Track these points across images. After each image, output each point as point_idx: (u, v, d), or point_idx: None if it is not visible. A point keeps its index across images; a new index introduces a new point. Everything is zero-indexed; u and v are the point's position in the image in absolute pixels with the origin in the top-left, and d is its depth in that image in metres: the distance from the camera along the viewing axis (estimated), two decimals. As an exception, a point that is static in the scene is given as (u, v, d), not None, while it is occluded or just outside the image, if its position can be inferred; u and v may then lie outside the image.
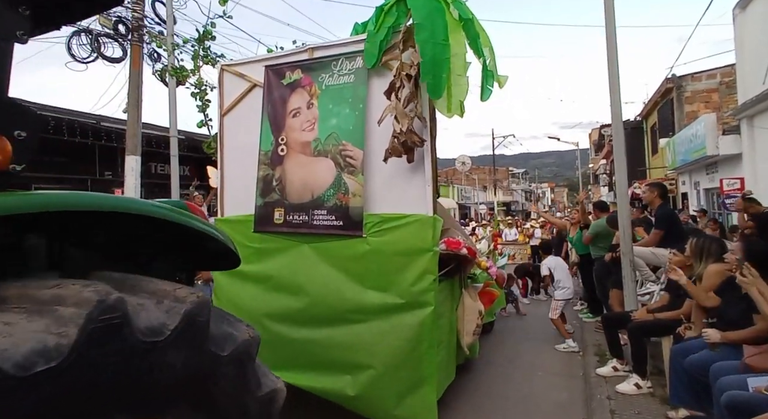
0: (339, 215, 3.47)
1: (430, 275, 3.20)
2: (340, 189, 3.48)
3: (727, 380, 2.35)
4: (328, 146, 3.55)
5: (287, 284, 3.53)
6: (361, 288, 3.32)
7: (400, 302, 3.23)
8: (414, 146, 3.18)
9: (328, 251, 3.48)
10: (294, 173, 3.66)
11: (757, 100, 7.71)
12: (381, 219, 3.34)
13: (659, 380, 3.53)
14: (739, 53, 9.21)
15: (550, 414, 3.48)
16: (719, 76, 13.92)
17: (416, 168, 3.36)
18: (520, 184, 53.92)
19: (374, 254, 3.32)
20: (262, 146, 3.80)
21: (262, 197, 3.75)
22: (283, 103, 3.74)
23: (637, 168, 19.11)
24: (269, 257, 3.65)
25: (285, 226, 3.63)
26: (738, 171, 9.53)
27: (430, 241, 3.22)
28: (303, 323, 3.41)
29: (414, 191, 3.35)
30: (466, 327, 3.64)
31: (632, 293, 4.46)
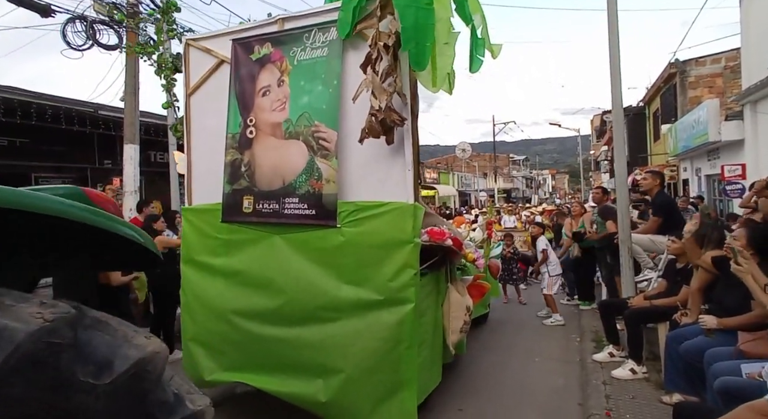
0: (311, 204, 3.12)
1: (411, 270, 2.87)
2: (313, 175, 3.13)
3: (721, 366, 2.33)
4: (300, 127, 3.19)
5: (256, 279, 3.21)
6: (335, 283, 3.00)
7: (377, 298, 2.90)
8: (393, 125, 2.81)
9: (300, 242, 3.15)
10: (264, 157, 3.30)
11: (762, 85, 7.48)
12: (356, 208, 3.00)
13: (655, 365, 3.50)
14: (744, 37, 8.92)
15: (546, 399, 3.45)
16: (724, 60, 13.44)
17: (396, 151, 2.99)
18: (520, 171, 53.27)
19: (349, 246, 2.99)
20: (229, 129, 3.43)
21: (230, 184, 3.40)
22: (251, 81, 3.36)
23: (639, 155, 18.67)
24: (238, 250, 3.32)
25: (254, 215, 3.30)
26: (740, 157, 9.27)
27: (411, 231, 2.88)
28: (272, 321, 3.10)
29: (393, 177, 2.99)
30: (452, 324, 3.33)
31: (629, 280, 4.41)
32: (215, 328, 3.25)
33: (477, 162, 39.15)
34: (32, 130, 7.50)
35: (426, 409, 3.14)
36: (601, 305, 4.27)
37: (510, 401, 3.46)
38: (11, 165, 7.85)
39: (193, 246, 3.47)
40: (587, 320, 5.35)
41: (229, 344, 3.19)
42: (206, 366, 3.25)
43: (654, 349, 3.69)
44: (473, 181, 37.64)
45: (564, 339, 4.92)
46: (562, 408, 3.33)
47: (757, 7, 8.28)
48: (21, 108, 7.00)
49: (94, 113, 8.14)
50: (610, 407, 3.05)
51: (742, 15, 8.94)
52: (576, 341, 4.80)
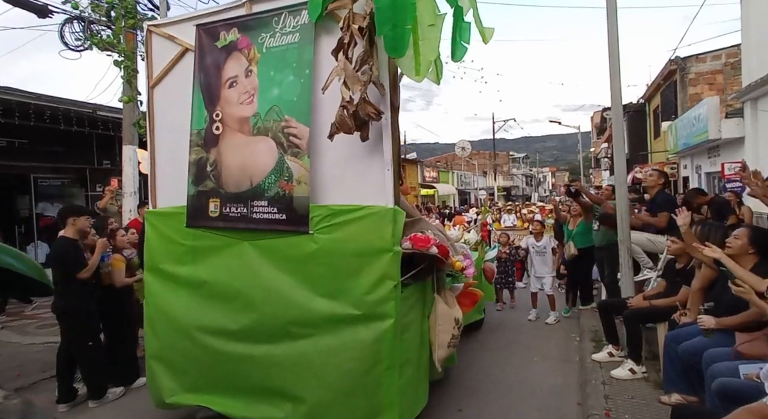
0: (281, 207, 2.79)
1: (390, 281, 2.54)
2: (282, 175, 2.80)
3: (719, 367, 2.31)
4: (269, 122, 2.85)
5: (223, 290, 2.88)
6: (308, 296, 2.67)
7: (353, 313, 2.58)
8: (368, 119, 2.47)
9: (270, 250, 2.82)
10: (231, 155, 2.97)
11: (762, 82, 7.18)
12: (330, 212, 2.67)
13: (654, 365, 3.49)
14: (744, 33, 8.60)
15: (545, 399, 3.42)
16: (724, 57, 13.13)
17: (374, 149, 2.66)
18: (520, 169, 52.76)
19: (322, 254, 2.66)
20: (194, 124, 3.09)
21: (195, 185, 3.07)
22: (217, 71, 3.02)
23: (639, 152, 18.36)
24: (204, 258, 2.99)
25: (221, 220, 2.96)
26: (740, 155, 8.98)
27: (390, 238, 2.54)
28: (238, 337, 2.77)
29: (371, 178, 2.66)
30: (439, 338, 2.99)
31: (629, 280, 4.38)
32: (178, 344, 2.92)
33: (477, 160, 38.72)
34: (31, 131, 7.40)
35: (425, 410, 3.05)
36: (601, 305, 4.24)
37: (509, 401, 3.40)
38: (10, 166, 7.76)
39: (157, 253, 3.14)
40: (587, 319, 5.24)
41: (192, 362, 2.87)
42: (167, 387, 2.93)
43: (653, 349, 3.66)
44: (473, 179, 37.24)
45: (563, 339, 4.85)
46: (561, 408, 3.27)
47: (758, 4, 7.96)
48: (19, 109, 6.91)
49: (93, 114, 7.99)
50: (609, 407, 3.00)
51: (742, 11, 8.63)
52: (575, 340, 4.74)
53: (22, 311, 6.65)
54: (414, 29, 2.37)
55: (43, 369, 4.12)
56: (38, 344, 4.95)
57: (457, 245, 4.88)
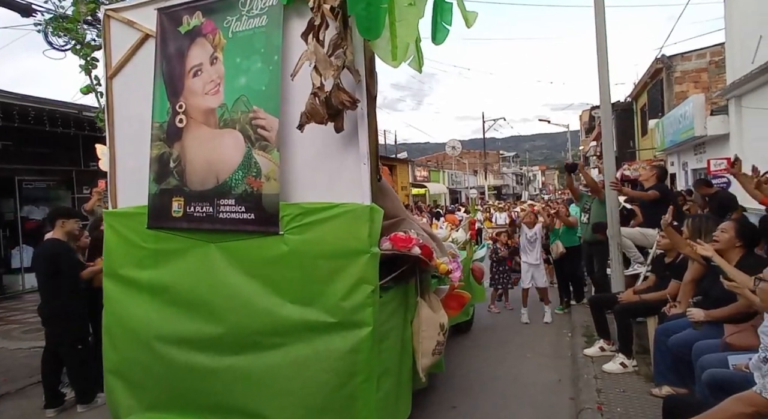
0: (249, 206, 2.54)
1: (367, 286, 2.31)
2: (250, 171, 2.55)
3: (709, 358, 2.33)
4: (236, 113, 2.61)
5: (186, 297, 2.63)
6: (278, 302, 2.43)
7: (327, 321, 2.34)
8: (342, 108, 2.24)
9: (238, 252, 2.57)
10: (195, 150, 2.71)
11: (746, 79, 7.27)
12: (302, 211, 2.43)
13: (644, 358, 3.52)
14: (728, 32, 8.72)
15: (539, 395, 3.42)
16: (709, 55, 13.31)
17: (349, 141, 2.43)
18: (510, 167, 52.84)
19: (293, 257, 2.42)
20: (155, 117, 2.83)
21: (157, 182, 2.80)
22: (180, 59, 2.76)
23: (627, 150, 18.47)
24: (167, 262, 2.73)
25: (185, 220, 2.71)
26: (725, 151, 9.15)
27: (367, 239, 2.32)
28: (202, 349, 2.52)
29: (346, 173, 2.43)
30: (423, 345, 2.78)
31: (619, 275, 4.39)
32: (137, 357, 2.66)
33: (467, 159, 38.65)
34: (15, 132, 7.24)
35: (419, 407, 3.02)
36: (592, 300, 4.26)
37: (503, 397, 3.39)
38: (-6, 169, 7.52)
39: (116, 257, 2.88)
40: (578, 315, 5.25)
41: (151, 377, 2.61)
42: (125, 405, 2.66)
43: (643, 343, 3.69)
44: (464, 178, 37.17)
45: (555, 335, 4.85)
46: (554, 403, 3.27)
47: (741, 3, 8.07)
48: (3, 110, 6.67)
49: (79, 115, 7.69)
50: (602, 401, 3.01)
51: (726, 10, 8.72)
52: (567, 336, 4.74)
53: (8, 316, 6.41)
54: (390, 9, 2.14)
55: (30, 374, 4.02)
56: (24, 349, 4.85)
57: (445, 244, 4.69)
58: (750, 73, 7.12)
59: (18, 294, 8.16)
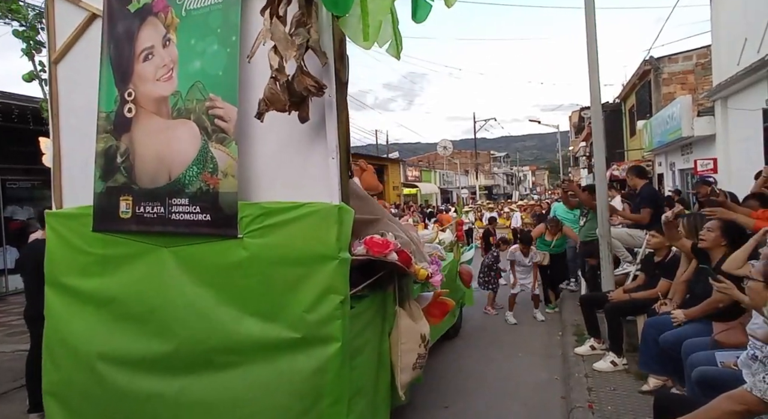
0: (205, 206, 2.24)
1: (335, 296, 2.03)
2: (206, 166, 2.25)
3: (699, 356, 2.33)
4: (191, 102, 2.30)
5: (133, 309, 2.32)
6: (235, 316, 2.14)
7: (290, 337, 2.06)
8: (307, 94, 1.95)
9: (192, 259, 2.27)
10: (146, 143, 2.40)
11: (732, 81, 7.36)
12: (263, 211, 2.14)
13: (634, 357, 3.49)
14: (714, 35, 8.88)
15: (530, 394, 3.42)
16: (695, 57, 13.50)
17: (316, 132, 2.14)
18: (501, 167, 52.84)
19: (253, 263, 2.13)
20: (102, 106, 2.52)
21: (103, 180, 2.49)
22: (130, 41, 2.45)
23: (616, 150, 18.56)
24: (114, 269, 2.42)
25: (134, 222, 2.40)
26: (711, 152, 9.25)
27: (335, 243, 2.03)
28: (149, 369, 2.21)
29: (312, 168, 2.15)
30: (402, 359, 2.50)
31: (609, 274, 4.43)
32: (76, 378, 2.34)
33: (458, 159, 38.51)
34: None
35: (411, 408, 3.00)
36: (583, 299, 4.29)
37: (495, 396, 3.38)
38: (-24, 168, 7.04)
39: (59, 264, 2.55)
40: (569, 314, 5.22)
41: (90, 402, 2.29)
42: (62, 431, 2.35)
43: (633, 341, 3.68)
44: (455, 178, 37.03)
45: (546, 334, 4.85)
46: (546, 402, 3.26)
47: (727, 6, 8.12)
48: None
49: None
50: (593, 399, 3.02)
51: (712, 13, 8.81)
52: (558, 335, 4.74)
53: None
54: (361, -18, 1.86)
55: (14, 378, 3.87)
56: (8, 352, 4.62)
57: (429, 246, 4.42)
58: (735, 75, 7.17)
59: (1, 296, 7.76)
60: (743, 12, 7.41)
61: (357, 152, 24.11)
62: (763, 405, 1.42)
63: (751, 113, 6.99)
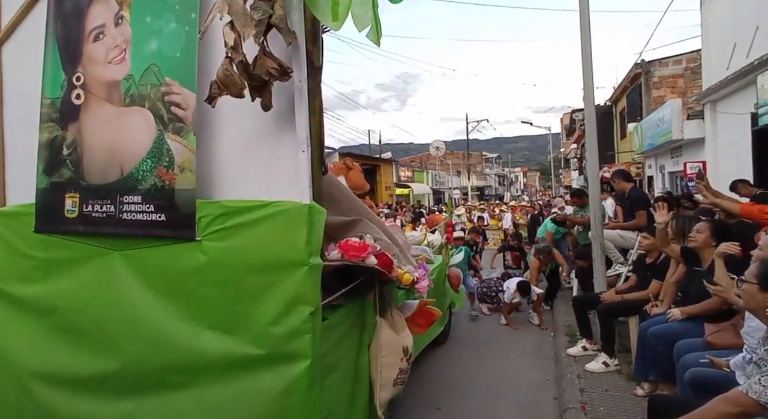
0: (160, 204, 1.98)
1: (305, 307, 1.78)
2: (162, 160, 1.99)
3: (691, 357, 2.33)
4: (146, 87, 2.04)
5: (77, 321, 2.04)
6: (192, 329, 1.88)
7: (252, 353, 1.81)
8: (270, 79, 1.70)
9: (145, 263, 2.00)
10: (95, 134, 2.13)
11: (721, 85, 7.42)
12: (223, 211, 1.88)
13: (626, 357, 3.56)
14: (704, 39, 8.94)
15: (522, 394, 3.41)
16: (685, 61, 13.57)
17: (284, 123, 1.89)
18: (493, 168, 52.88)
19: (212, 269, 1.87)
20: (46, 91, 2.24)
21: (47, 174, 2.21)
22: (79, 19, 2.17)
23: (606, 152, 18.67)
24: (57, 275, 2.14)
25: (80, 222, 2.12)
26: (701, 155, 9.36)
27: (304, 247, 1.78)
28: (92, 389, 1.94)
29: (279, 162, 1.90)
30: (382, 375, 2.26)
31: (601, 276, 4.43)
32: (10, 398, 2.06)
33: (451, 160, 38.39)
34: None
35: (404, 408, 3.01)
36: (575, 300, 4.30)
37: (487, 397, 3.37)
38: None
39: (-2, 268, 2.26)
40: (561, 315, 5.24)
41: None
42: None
43: (624, 342, 3.70)
44: (447, 179, 36.91)
45: (538, 335, 4.84)
46: (539, 403, 3.26)
47: (717, 11, 8.19)
48: None
49: None
50: (585, 400, 3.01)
51: (702, 18, 8.85)
52: (550, 336, 4.75)
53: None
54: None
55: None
56: None
57: (418, 248, 4.19)
58: (725, 79, 7.22)
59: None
60: (732, 17, 7.47)
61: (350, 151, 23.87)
62: (759, 408, 1.41)
63: (740, 116, 7.04)
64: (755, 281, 1.66)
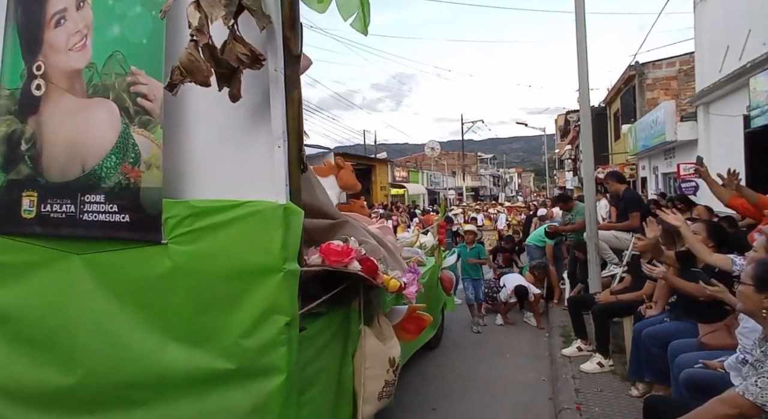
0: (124, 204, 1.81)
1: (280, 317, 1.62)
2: (126, 156, 1.82)
3: (685, 358, 2.34)
4: (110, 76, 1.87)
5: (32, 331, 1.87)
6: (156, 341, 1.71)
7: (222, 368, 1.64)
8: (240, 65, 1.54)
9: (107, 269, 1.83)
10: (56, 127, 1.96)
11: (714, 87, 7.48)
12: (192, 211, 1.72)
13: (620, 358, 3.54)
14: (697, 42, 8.99)
15: (518, 395, 3.40)
16: (678, 64, 13.64)
17: (259, 116, 1.73)
18: (488, 169, 52.88)
19: (179, 276, 1.71)
20: (5, 82, 2.05)
21: (4, 171, 2.03)
22: (40, 3, 2.00)
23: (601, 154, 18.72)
24: (12, 281, 1.96)
25: (38, 223, 1.94)
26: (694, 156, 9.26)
27: (279, 251, 1.62)
28: (47, 406, 1.77)
29: (253, 159, 1.74)
30: (366, 388, 2.10)
31: (596, 276, 4.44)
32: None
33: (446, 161, 38.29)
34: None
35: (399, 410, 2.98)
36: (570, 300, 4.33)
37: (483, 398, 3.35)
38: None
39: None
40: (556, 316, 5.22)
41: None
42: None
43: (619, 343, 3.69)
44: (442, 179, 36.79)
45: (533, 335, 4.83)
46: (534, 403, 3.25)
47: (710, 14, 8.25)
48: None
49: None
50: (580, 401, 3.00)
51: (695, 21, 8.89)
52: (545, 336, 4.73)
53: None
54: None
55: None
56: None
57: (409, 250, 4.03)
58: (717, 81, 7.24)
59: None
60: (725, 20, 7.48)
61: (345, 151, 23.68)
62: (756, 409, 1.41)
63: (733, 119, 7.07)
64: (751, 282, 1.64)
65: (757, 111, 5.82)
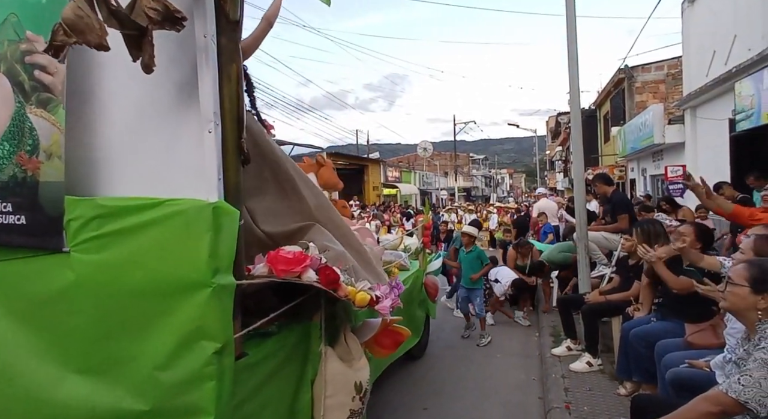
0: (19, 203, 1.46)
1: (208, 343, 1.28)
2: (23, 143, 1.46)
3: (672, 357, 2.35)
4: (1, 45, 1.51)
5: None
6: (53, 372, 1.36)
7: (132, 408, 1.29)
8: (149, 25, 1.18)
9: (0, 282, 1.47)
10: (-56, 108, 1.58)
11: (701, 91, 7.58)
12: (99, 212, 1.36)
13: (608, 357, 3.58)
14: (685, 46, 9.11)
15: (508, 394, 3.41)
16: (666, 68, 13.77)
17: (186, 94, 1.38)
18: (480, 170, 52.73)
19: (83, 291, 1.36)
20: None
21: None
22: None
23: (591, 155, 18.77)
24: None
25: None
26: (681, 159, 9.53)
27: (206, 261, 1.28)
28: None
29: (179, 148, 1.39)
30: (327, 418, 1.76)
31: (586, 277, 4.50)
32: None
33: (438, 161, 38.04)
34: None
35: (390, 410, 3.02)
36: (560, 300, 4.39)
37: (474, 397, 3.35)
38: None
39: None
40: (546, 315, 5.24)
41: None
42: None
43: (607, 342, 3.73)
44: (434, 180, 36.54)
45: (524, 335, 4.85)
46: (524, 403, 3.26)
47: (697, 19, 8.34)
48: None
49: None
50: (569, 400, 3.01)
51: (683, 26, 9.00)
52: (535, 336, 4.75)
53: None
54: None
55: None
56: None
57: (392, 253, 3.70)
58: (704, 85, 7.30)
59: None
60: (712, 26, 7.51)
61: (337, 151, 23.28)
62: (739, 407, 1.42)
63: (719, 122, 7.12)
64: (746, 283, 1.62)
65: (742, 115, 5.85)
